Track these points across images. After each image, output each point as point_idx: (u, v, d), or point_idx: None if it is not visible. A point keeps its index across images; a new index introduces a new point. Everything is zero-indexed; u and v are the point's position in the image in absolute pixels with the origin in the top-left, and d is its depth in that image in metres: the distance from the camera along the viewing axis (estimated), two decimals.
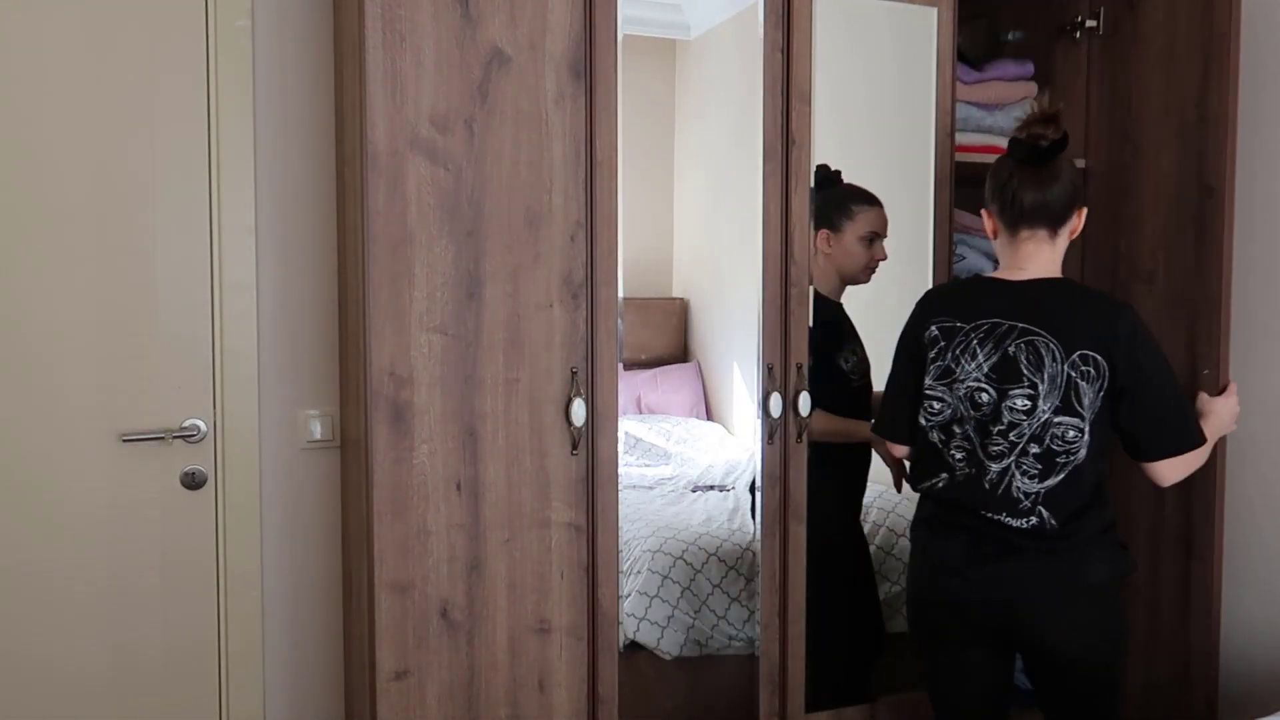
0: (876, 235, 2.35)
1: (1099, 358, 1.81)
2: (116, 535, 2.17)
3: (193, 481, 2.22)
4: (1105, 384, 1.81)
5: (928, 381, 1.92)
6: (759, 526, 2.24)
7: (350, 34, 2.02)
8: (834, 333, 2.33)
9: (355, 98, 1.97)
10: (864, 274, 2.36)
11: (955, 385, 1.89)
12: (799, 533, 2.26)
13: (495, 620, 2.04)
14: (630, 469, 2.38)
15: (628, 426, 2.33)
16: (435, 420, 1.97)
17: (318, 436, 2.32)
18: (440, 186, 1.95)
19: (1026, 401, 1.83)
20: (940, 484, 1.93)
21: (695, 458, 2.52)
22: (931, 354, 1.92)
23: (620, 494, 2.12)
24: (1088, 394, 1.81)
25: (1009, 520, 1.84)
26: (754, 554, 2.28)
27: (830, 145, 2.25)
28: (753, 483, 2.28)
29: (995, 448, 1.85)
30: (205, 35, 2.19)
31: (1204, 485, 2.25)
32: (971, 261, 2.72)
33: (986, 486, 1.86)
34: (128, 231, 2.16)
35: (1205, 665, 2.28)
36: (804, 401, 2.23)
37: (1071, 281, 1.93)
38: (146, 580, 2.20)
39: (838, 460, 2.33)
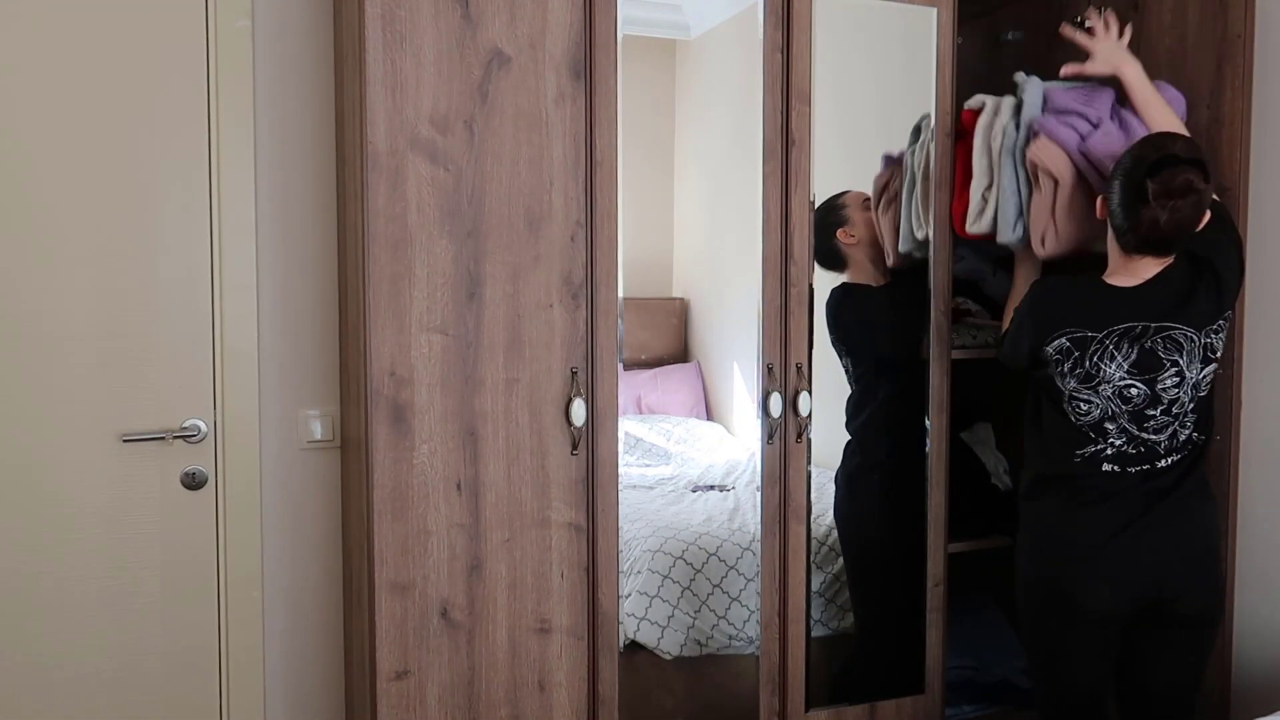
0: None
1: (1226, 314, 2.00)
2: (116, 535, 2.17)
3: (193, 481, 2.22)
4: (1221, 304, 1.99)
5: (1073, 385, 1.99)
6: (761, 525, 2.25)
7: (350, 34, 2.02)
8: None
9: (355, 98, 1.97)
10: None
11: (1101, 386, 1.97)
12: (799, 532, 2.26)
13: (495, 620, 2.04)
14: (630, 469, 2.38)
15: (628, 426, 2.33)
16: (435, 420, 1.97)
17: (318, 436, 2.32)
18: (440, 186, 1.95)
19: (1175, 377, 1.96)
20: (1105, 469, 2.01)
21: (695, 458, 2.51)
22: (1068, 364, 1.98)
23: (620, 494, 2.12)
24: (1220, 342, 2.00)
25: (1172, 458, 1.99)
26: (754, 553, 2.28)
27: (830, 145, 2.25)
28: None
29: (1153, 424, 1.99)
30: (205, 35, 2.19)
31: (1218, 480, 2.25)
32: (971, 262, 2.72)
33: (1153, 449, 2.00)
34: (128, 232, 2.16)
35: (1218, 666, 2.27)
36: (803, 401, 2.23)
37: (1179, 263, 1.97)
38: (147, 580, 2.20)
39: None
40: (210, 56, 2.19)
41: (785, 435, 2.24)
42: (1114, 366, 1.96)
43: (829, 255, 2.34)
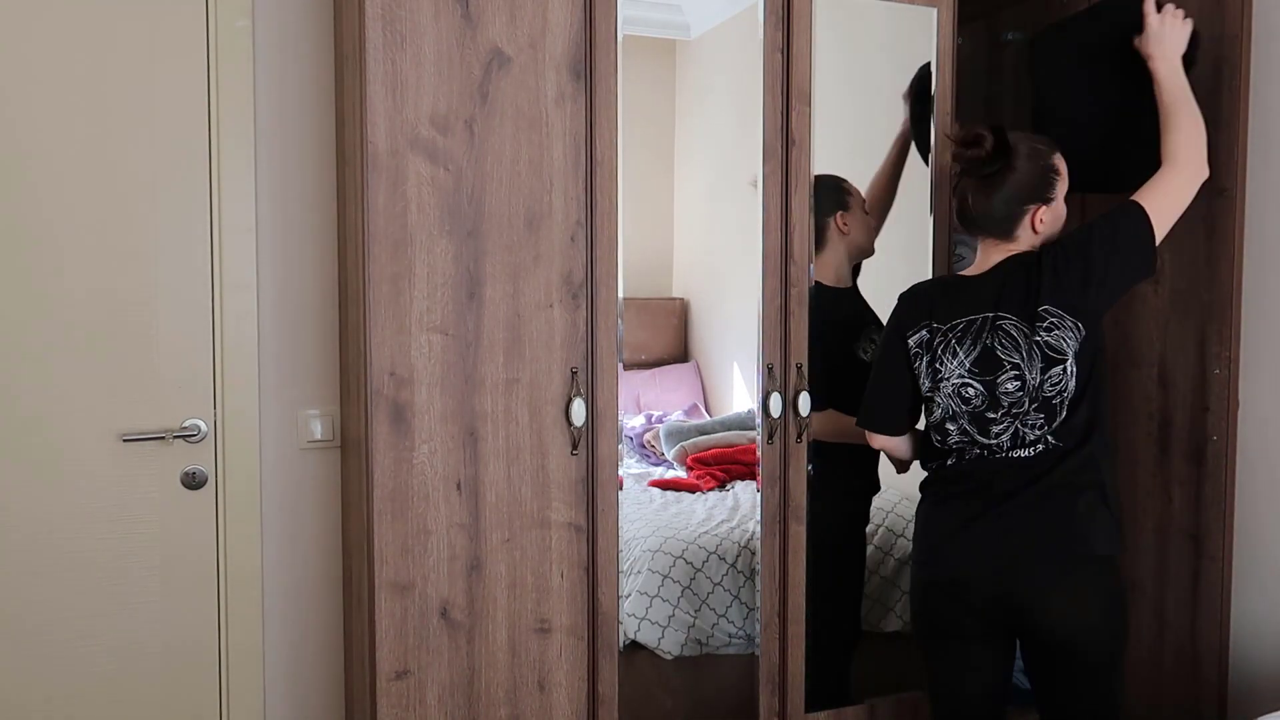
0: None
1: (1060, 309, 1.88)
2: (116, 535, 2.17)
3: (193, 481, 2.22)
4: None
5: (926, 384, 1.97)
6: (761, 524, 2.25)
7: (351, 34, 2.02)
8: (855, 322, 2.37)
9: (355, 98, 1.97)
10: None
11: (942, 384, 1.94)
12: (799, 533, 2.26)
13: (495, 620, 2.04)
14: (630, 469, 2.38)
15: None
16: (435, 420, 1.98)
17: (318, 436, 2.32)
18: (440, 186, 1.95)
19: (1016, 382, 1.89)
20: (949, 462, 1.98)
21: None
22: (927, 357, 1.96)
23: (620, 494, 2.12)
24: (1067, 340, 1.87)
25: (1018, 453, 1.91)
26: (753, 552, 2.28)
27: (830, 145, 2.25)
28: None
29: (996, 427, 1.92)
30: (205, 35, 2.19)
31: (1214, 481, 2.25)
32: (972, 261, 2.72)
33: (994, 449, 1.93)
34: (128, 231, 2.16)
35: (1214, 667, 2.27)
36: (804, 401, 2.23)
37: (1017, 255, 1.97)
38: (146, 580, 2.20)
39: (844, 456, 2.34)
40: (210, 56, 2.19)
41: (785, 435, 2.24)
42: (955, 364, 1.93)
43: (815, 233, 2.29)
